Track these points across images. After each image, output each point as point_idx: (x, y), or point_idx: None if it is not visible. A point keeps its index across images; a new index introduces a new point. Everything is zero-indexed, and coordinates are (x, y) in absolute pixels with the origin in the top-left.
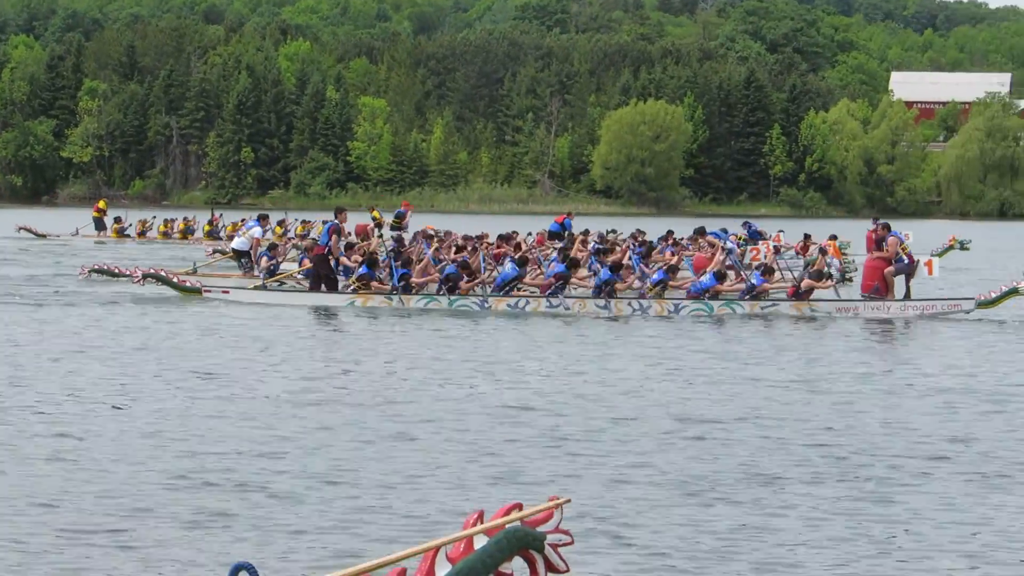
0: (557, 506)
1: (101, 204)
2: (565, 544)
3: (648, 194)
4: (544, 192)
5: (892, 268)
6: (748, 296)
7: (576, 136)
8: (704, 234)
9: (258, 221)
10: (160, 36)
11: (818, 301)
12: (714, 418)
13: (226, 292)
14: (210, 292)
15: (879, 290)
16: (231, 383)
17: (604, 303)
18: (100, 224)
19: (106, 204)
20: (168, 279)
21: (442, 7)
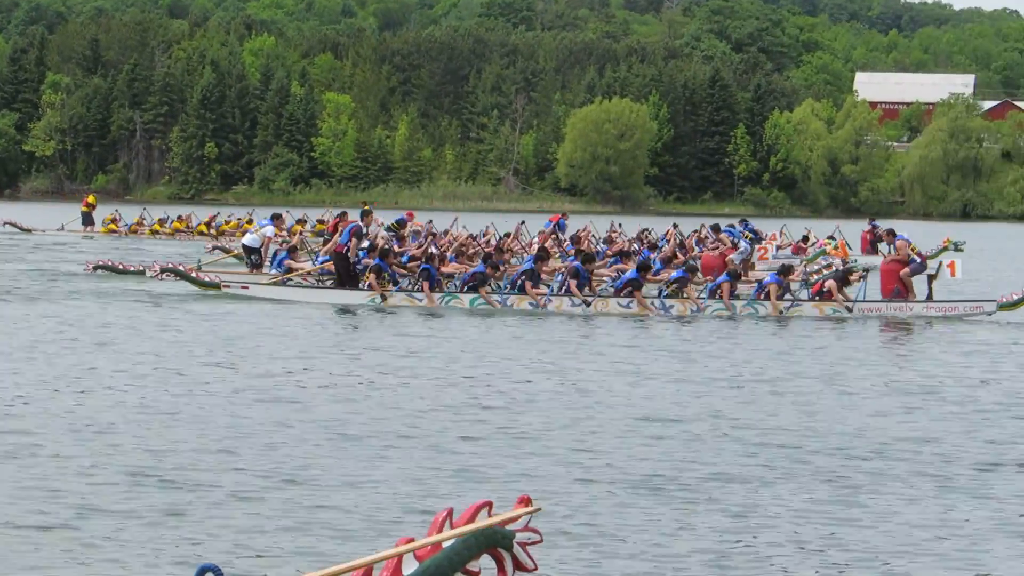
0: (527, 514)
1: (90, 199)
2: (534, 543)
3: (612, 192)
4: (508, 189)
5: (907, 270)
6: (762, 295)
7: (541, 134)
8: (719, 231)
9: (271, 220)
10: (124, 30)
11: (839, 303)
12: (696, 418)
13: (245, 288)
14: (229, 288)
15: (900, 293)
16: (197, 380)
17: (627, 302)
18: (88, 219)
19: (95, 199)
20: (187, 274)
21: (407, 3)
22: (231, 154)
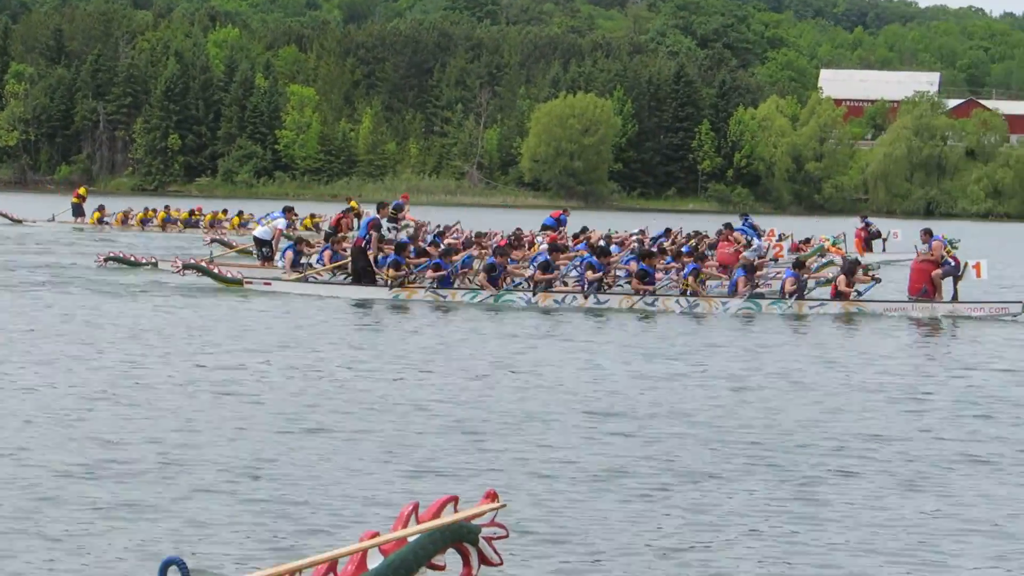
0: (492, 510)
1: (81, 191)
2: (500, 537)
3: (576, 187)
4: (472, 184)
5: (940, 271)
6: (786, 292)
7: (505, 128)
8: (732, 229)
9: (283, 212)
10: (88, 20)
11: (866, 302)
12: (662, 414)
13: (268, 284)
14: (252, 283)
15: (927, 292)
16: (162, 373)
17: (651, 300)
18: (78, 210)
19: (86, 191)
20: (209, 270)
21: None
22: (194, 146)
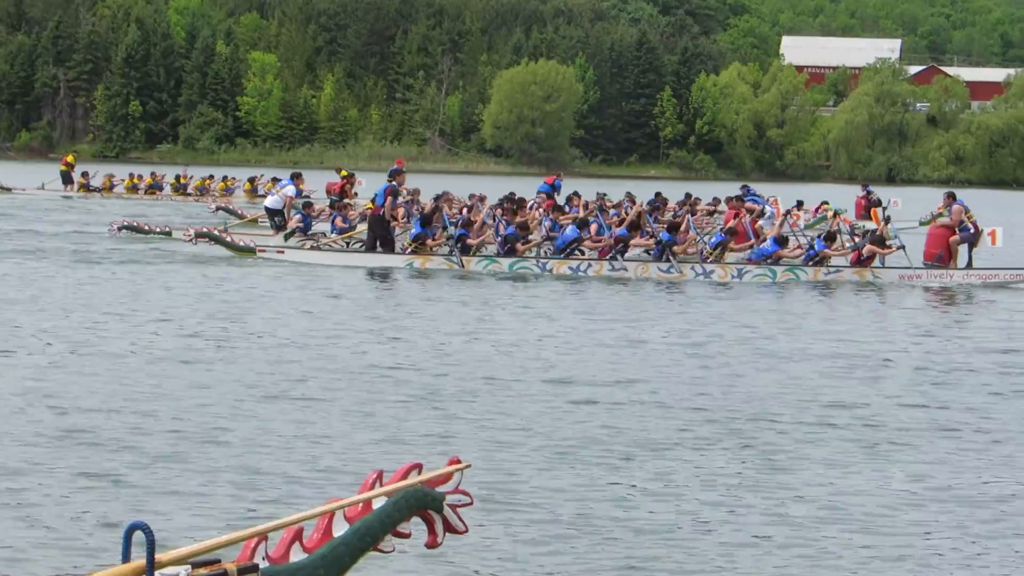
0: (458, 471)
1: (69, 158)
2: (464, 505)
3: (538, 154)
4: (434, 150)
5: (957, 237)
6: (811, 262)
7: (467, 95)
8: (743, 200)
9: (292, 180)
10: None
11: (881, 268)
12: (652, 382)
13: (281, 252)
14: (265, 252)
15: (942, 258)
16: (129, 342)
17: (667, 267)
18: (67, 178)
19: (74, 159)
20: (222, 238)
21: None
22: (156, 112)
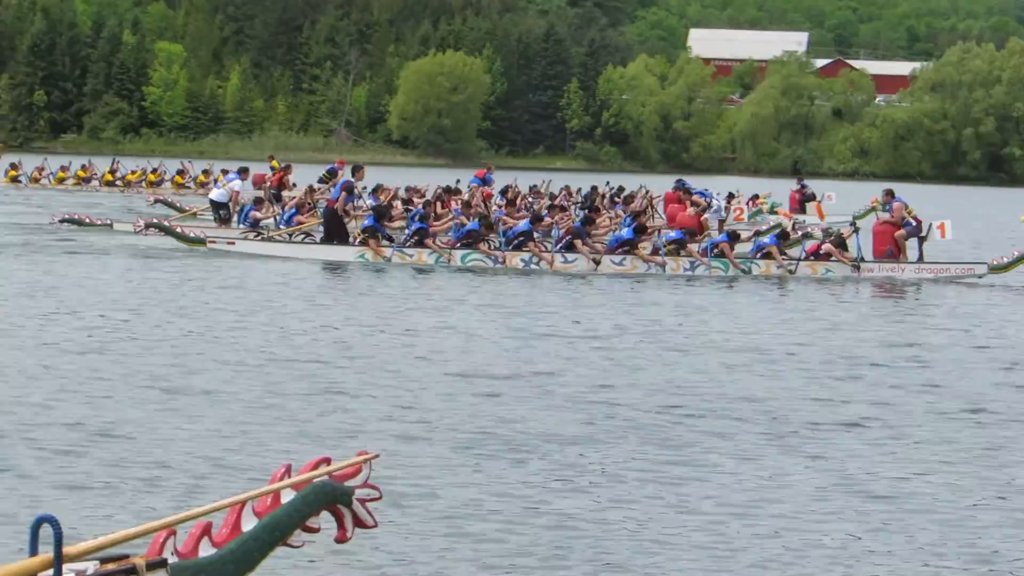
0: (366, 461)
1: None
2: (373, 499)
3: (445, 145)
4: (340, 141)
5: (903, 232)
6: (759, 255)
7: (374, 86)
8: (690, 193)
9: (238, 174)
10: None
11: (834, 263)
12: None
13: (231, 244)
14: (215, 243)
15: (892, 254)
16: (29, 333)
17: (620, 260)
18: None
19: (3, 148)
20: (172, 229)
21: None
22: (60, 102)
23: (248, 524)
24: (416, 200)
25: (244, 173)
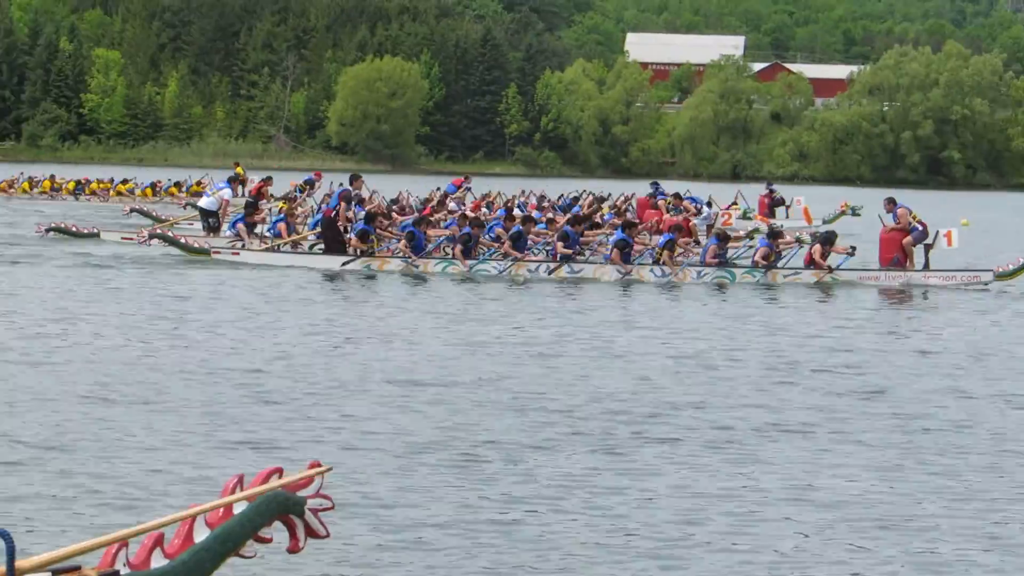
0: (318, 474)
1: None
2: (326, 509)
3: (384, 151)
4: (279, 147)
5: (910, 238)
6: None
7: (312, 91)
8: (680, 199)
9: (228, 183)
10: None
11: (840, 271)
12: (488, 383)
13: (236, 254)
14: (219, 254)
15: (899, 261)
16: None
17: (625, 268)
18: None
19: None
20: (176, 240)
21: None
22: None
23: (200, 535)
24: (399, 215)
25: (234, 182)
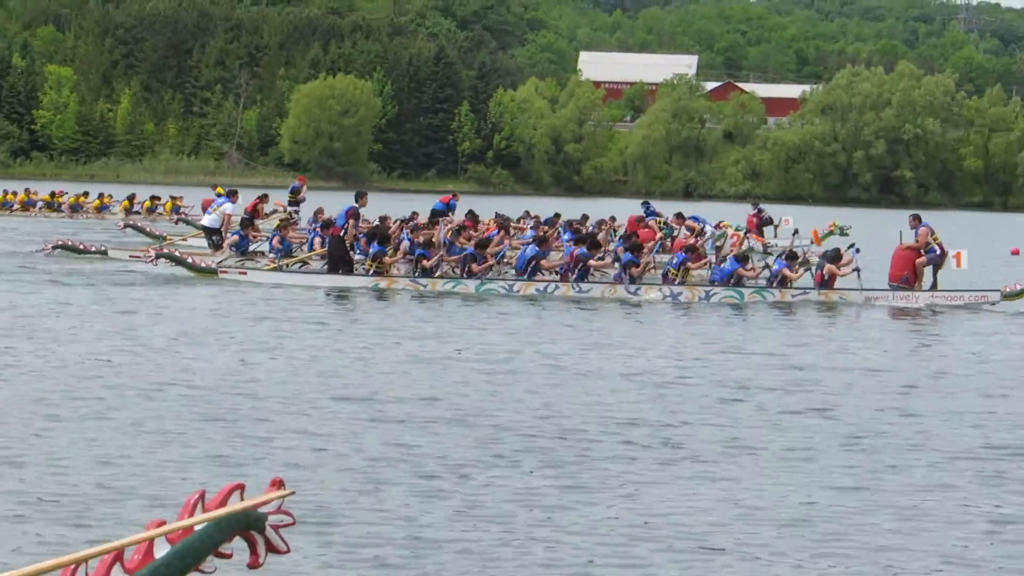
0: (280, 498)
1: None
2: (287, 525)
3: (336, 168)
4: (231, 164)
5: (924, 259)
6: (775, 282)
7: (265, 109)
8: (683, 219)
9: (228, 197)
10: None
11: (847, 290)
12: (440, 401)
13: (243, 273)
14: (226, 273)
15: (908, 280)
16: None
17: (634, 289)
18: None
19: None
20: (183, 259)
21: None
22: None
23: (161, 551)
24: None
25: (234, 196)
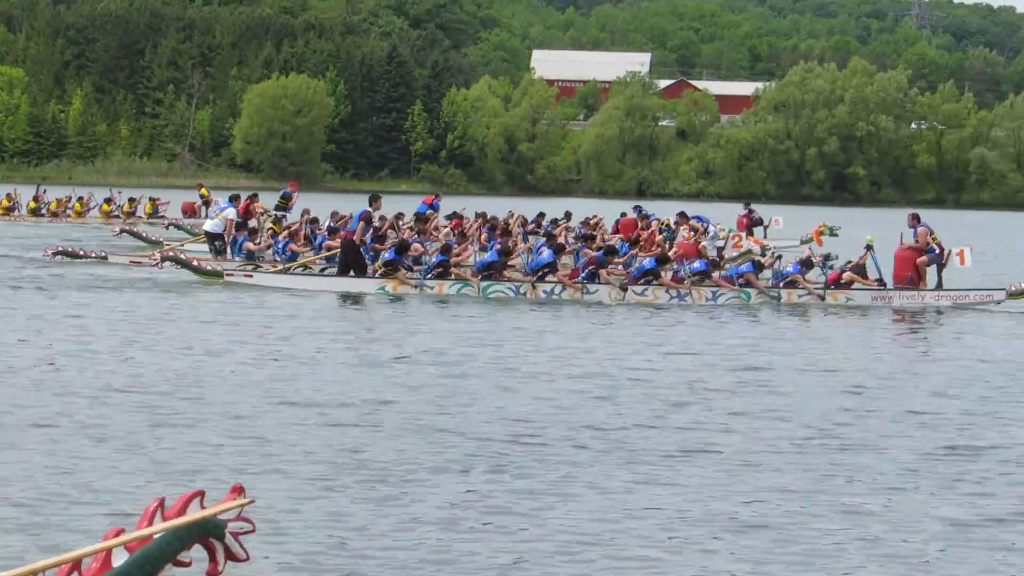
0: (239, 506)
1: None
2: (246, 532)
3: (289, 168)
4: (184, 165)
5: (925, 258)
6: (782, 283)
7: (217, 109)
8: (686, 218)
9: (230, 202)
10: None
11: (853, 291)
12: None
13: (249, 276)
14: (232, 276)
15: (912, 280)
16: None
17: (642, 290)
18: None
19: None
20: (188, 263)
21: None
22: None
23: (119, 559)
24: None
25: (236, 200)
